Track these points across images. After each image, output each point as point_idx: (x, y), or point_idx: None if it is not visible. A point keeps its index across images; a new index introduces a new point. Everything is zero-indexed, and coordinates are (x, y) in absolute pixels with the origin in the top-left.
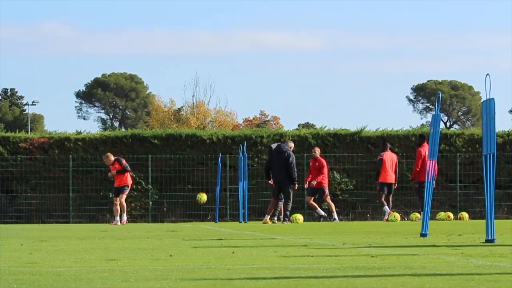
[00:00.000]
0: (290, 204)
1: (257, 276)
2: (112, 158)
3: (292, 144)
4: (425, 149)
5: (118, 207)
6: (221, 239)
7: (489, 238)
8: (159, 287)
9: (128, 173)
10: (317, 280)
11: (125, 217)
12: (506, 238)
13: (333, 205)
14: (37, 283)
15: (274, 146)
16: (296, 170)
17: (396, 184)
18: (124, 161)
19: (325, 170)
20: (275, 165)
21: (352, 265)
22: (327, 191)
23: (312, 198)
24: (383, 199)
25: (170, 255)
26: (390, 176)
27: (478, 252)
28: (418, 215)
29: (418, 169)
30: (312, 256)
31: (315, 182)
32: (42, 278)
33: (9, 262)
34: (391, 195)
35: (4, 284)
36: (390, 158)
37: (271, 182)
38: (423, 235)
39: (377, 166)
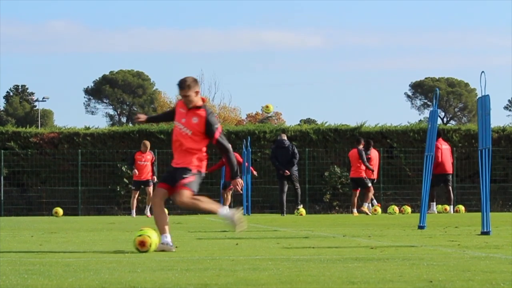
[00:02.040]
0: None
1: (260, 267)
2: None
3: (285, 136)
4: (440, 143)
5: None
6: (225, 231)
7: (485, 230)
8: (165, 278)
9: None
10: (318, 271)
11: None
12: (501, 230)
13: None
14: (47, 273)
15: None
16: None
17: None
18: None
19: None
20: (281, 158)
21: (352, 256)
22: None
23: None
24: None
25: (176, 247)
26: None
27: (474, 243)
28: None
29: (438, 161)
30: (313, 247)
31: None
32: (52, 268)
33: (20, 253)
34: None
35: (15, 274)
36: (375, 156)
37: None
38: (420, 227)
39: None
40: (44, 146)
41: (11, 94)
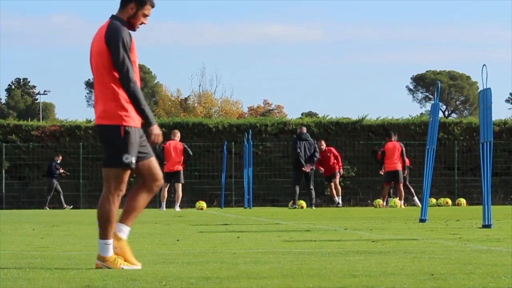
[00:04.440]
0: None
1: (261, 260)
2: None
3: (305, 129)
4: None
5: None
6: (226, 224)
7: (486, 223)
8: (166, 271)
9: None
10: (319, 264)
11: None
12: (503, 223)
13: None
14: (49, 267)
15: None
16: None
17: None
18: None
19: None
20: (305, 152)
21: (354, 249)
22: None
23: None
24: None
25: (177, 240)
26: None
27: (475, 237)
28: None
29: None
30: (314, 240)
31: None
32: (53, 261)
33: (22, 246)
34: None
35: (17, 267)
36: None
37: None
38: (422, 220)
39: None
40: (45, 139)
41: (13, 87)
